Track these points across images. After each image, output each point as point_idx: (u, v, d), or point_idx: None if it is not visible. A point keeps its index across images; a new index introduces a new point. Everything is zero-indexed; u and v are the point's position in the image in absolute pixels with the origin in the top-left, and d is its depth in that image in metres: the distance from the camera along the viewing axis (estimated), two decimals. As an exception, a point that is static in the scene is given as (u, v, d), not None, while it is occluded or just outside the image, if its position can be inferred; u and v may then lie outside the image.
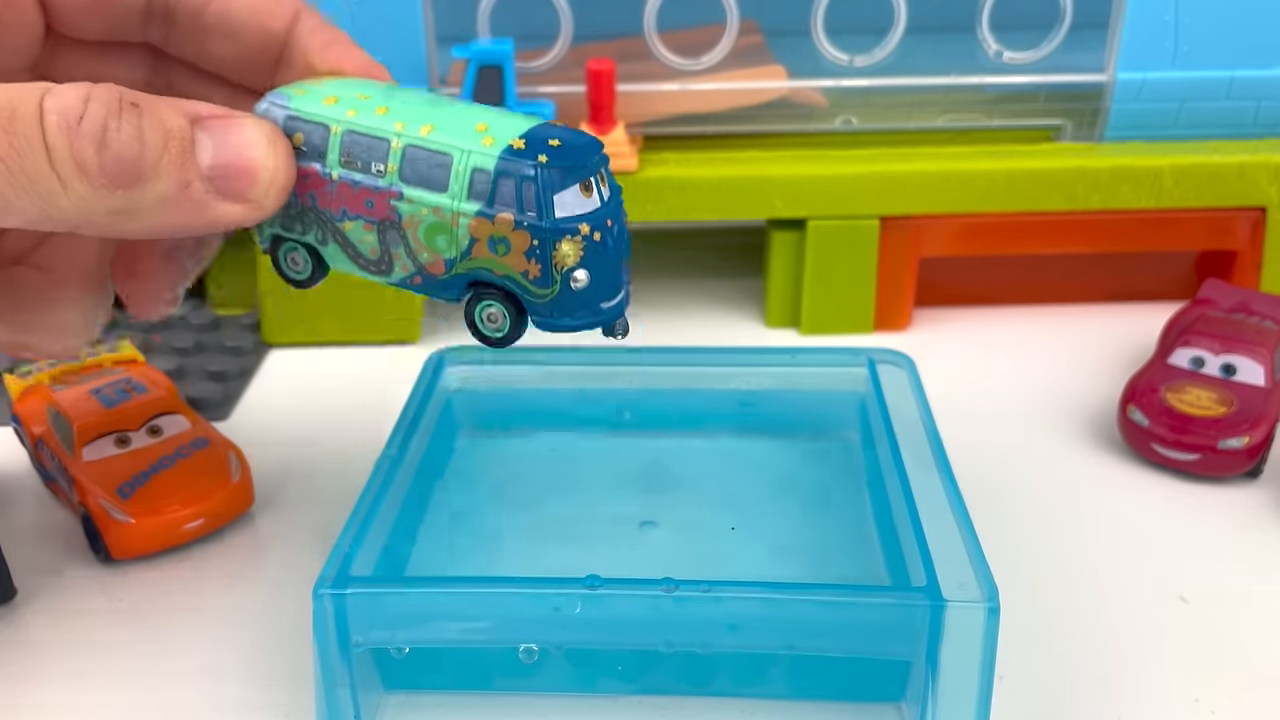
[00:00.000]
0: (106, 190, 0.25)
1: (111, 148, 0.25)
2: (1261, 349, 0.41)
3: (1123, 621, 0.33)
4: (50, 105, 0.24)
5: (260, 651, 0.33)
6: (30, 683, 0.32)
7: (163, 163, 0.25)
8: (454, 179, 0.27)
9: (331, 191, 0.28)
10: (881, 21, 0.49)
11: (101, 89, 0.25)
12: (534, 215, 0.26)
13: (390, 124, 0.27)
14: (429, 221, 0.27)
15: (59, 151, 0.24)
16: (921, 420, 0.35)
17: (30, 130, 0.24)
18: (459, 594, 0.29)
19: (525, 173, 0.26)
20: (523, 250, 0.27)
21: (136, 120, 0.25)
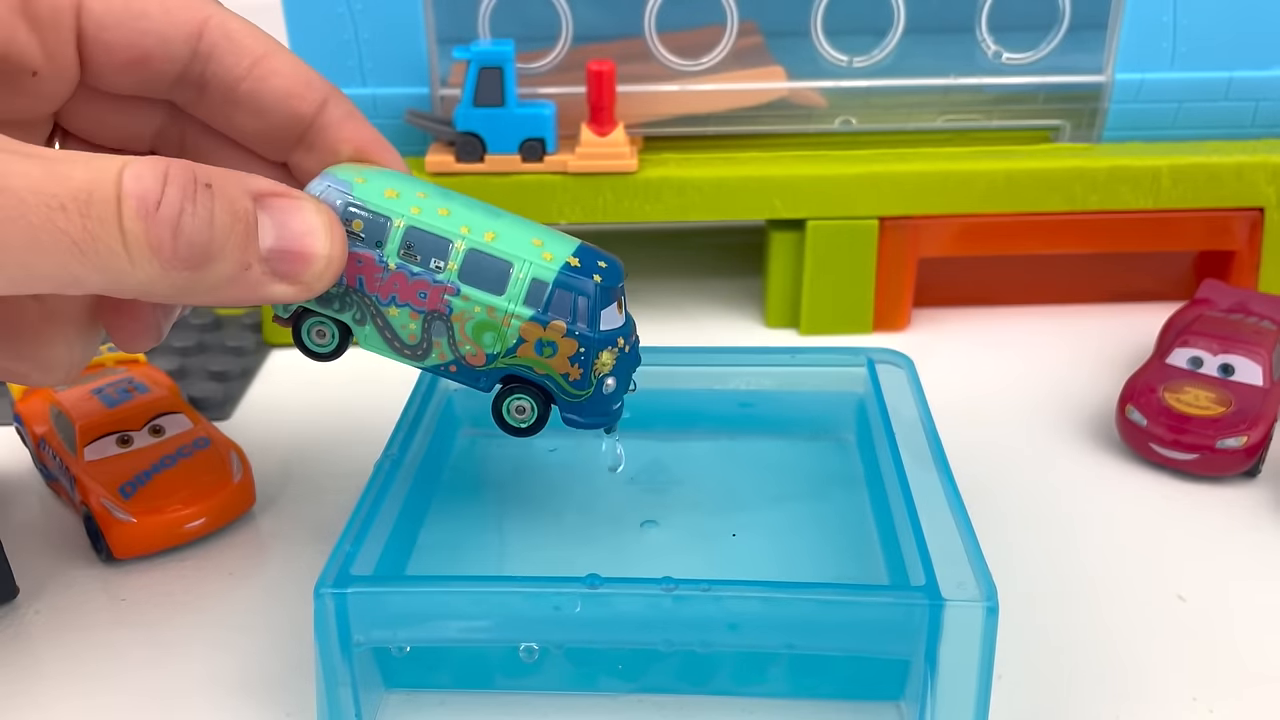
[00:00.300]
0: (175, 271, 0.25)
1: (185, 233, 0.25)
2: (1259, 349, 0.41)
3: (1121, 620, 0.34)
4: (129, 188, 0.24)
5: (262, 650, 0.33)
6: (31, 682, 0.32)
7: (229, 245, 0.26)
8: (513, 284, 0.29)
9: (383, 279, 0.29)
10: (880, 22, 0.49)
11: (177, 169, 0.25)
12: (585, 326, 0.30)
13: (455, 226, 0.30)
14: (479, 319, 0.30)
15: (134, 235, 0.24)
16: (920, 420, 0.35)
17: (107, 214, 0.24)
18: (460, 593, 0.29)
19: (583, 288, 0.30)
20: (568, 355, 0.30)
21: (209, 203, 0.25)
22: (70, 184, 0.24)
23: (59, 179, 0.24)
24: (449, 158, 0.48)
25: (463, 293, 0.29)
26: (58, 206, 0.24)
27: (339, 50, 0.49)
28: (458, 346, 0.30)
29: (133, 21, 0.29)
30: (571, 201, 0.48)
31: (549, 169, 0.48)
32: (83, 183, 0.24)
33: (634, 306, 0.53)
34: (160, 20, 0.29)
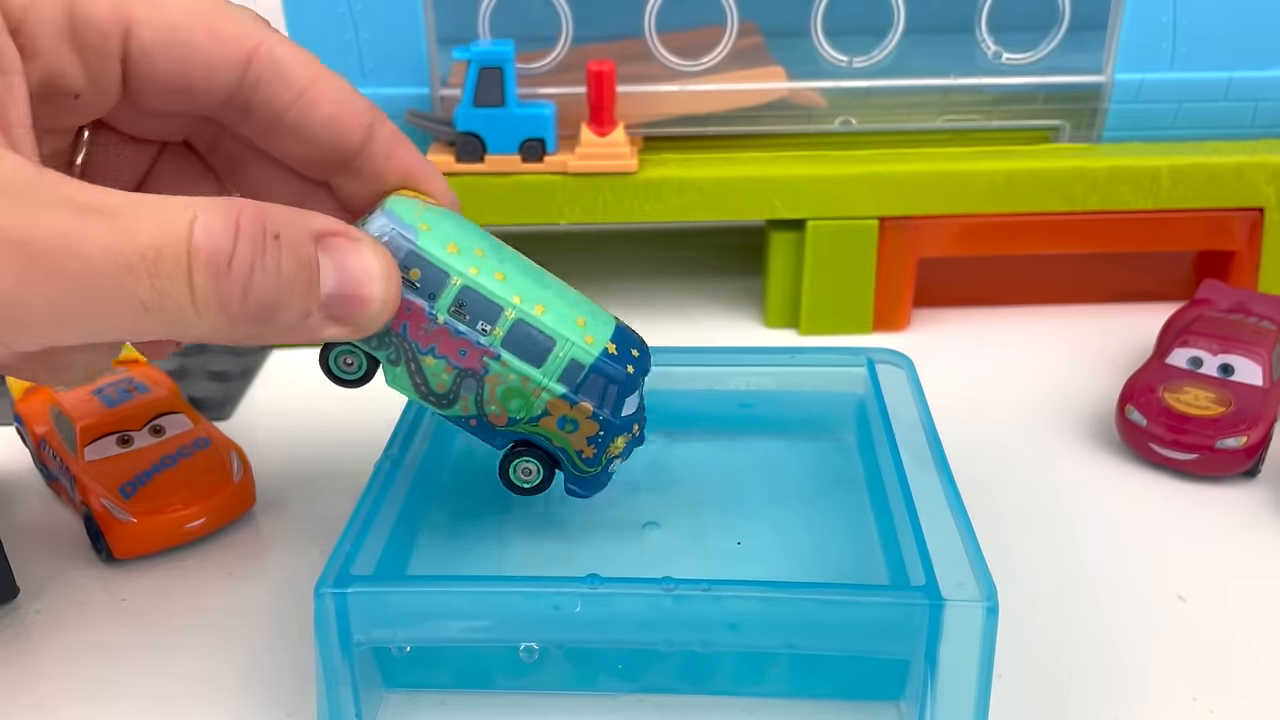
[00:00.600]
0: (241, 325, 0.25)
1: (255, 289, 0.25)
2: (1259, 349, 0.41)
3: (1120, 620, 0.34)
4: (200, 244, 0.24)
5: (262, 650, 0.33)
6: (31, 682, 0.32)
7: (294, 296, 0.26)
8: (552, 360, 0.30)
9: (427, 330, 0.30)
10: (880, 23, 0.49)
11: (248, 219, 0.24)
12: (609, 412, 0.31)
13: (509, 294, 0.30)
14: (512, 385, 0.30)
15: (203, 292, 0.24)
16: (920, 420, 0.35)
17: (177, 272, 0.23)
18: (460, 593, 0.29)
19: (616, 376, 0.31)
20: (587, 435, 0.31)
21: (277, 255, 0.25)
22: (138, 241, 0.23)
23: (126, 235, 0.23)
24: (449, 158, 0.48)
25: (502, 359, 0.30)
26: (125, 266, 0.23)
27: (339, 50, 0.49)
28: (484, 405, 0.31)
29: (180, 50, 0.28)
30: (571, 201, 0.48)
31: (549, 169, 0.48)
32: (151, 239, 0.23)
33: (634, 306, 0.53)
34: (208, 49, 0.28)
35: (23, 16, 0.26)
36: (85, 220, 0.23)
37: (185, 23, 0.28)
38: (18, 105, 0.25)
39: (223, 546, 0.37)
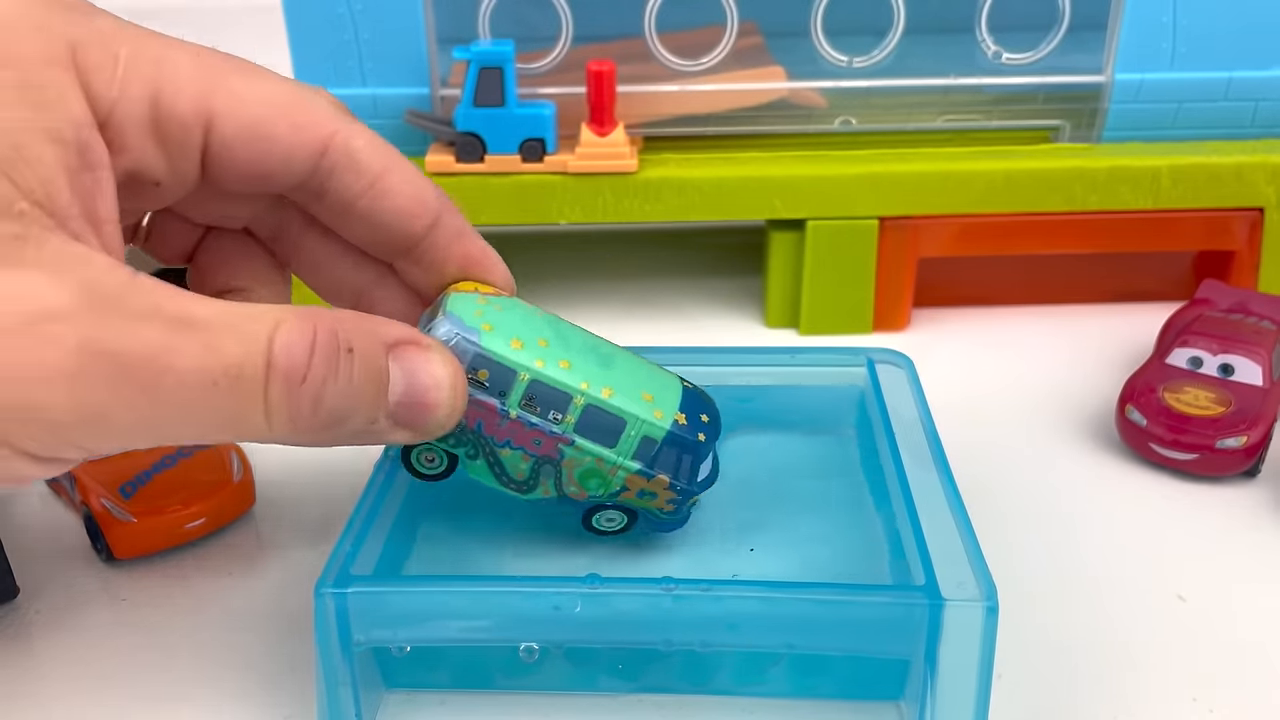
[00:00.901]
0: (308, 434, 0.26)
1: (325, 403, 0.26)
2: (1259, 349, 0.41)
3: (1121, 620, 0.34)
4: (278, 362, 0.25)
5: (262, 650, 0.33)
6: (32, 682, 0.32)
7: (362, 407, 0.27)
8: (624, 440, 0.31)
9: (502, 425, 0.31)
10: (880, 23, 0.49)
11: (325, 335, 0.25)
12: (685, 481, 0.32)
13: (576, 381, 0.31)
14: (588, 467, 0.31)
15: (276, 405, 0.25)
16: (920, 420, 0.35)
17: (254, 388, 0.24)
18: (460, 593, 0.29)
19: (688, 448, 0.32)
20: (666, 500, 0.32)
21: (350, 369, 0.26)
22: (224, 359, 0.24)
23: (215, 353, 0.24)
24: (449, 158, 0.48)
25: (576, 444, 0.31)
26: (210, 383, 0.24)
27: (339, 50, 0.49)
28: (564, 486, 0.32)
29: (260, 143, 0.28)
30: (571, 201, 0.48)
31: (549, 169, 0.48)
32: (235, 357, 0.24)
33: (634, 306, 0.53)
34: (287, 141, 0.28)
35: (110, 111, 0.26)
36: (177, 335, 0.24)
37: (266, 115, 0.28)
38: (107, 201, 0.26)
39: (223, 546, 0.37)
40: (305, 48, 0.49)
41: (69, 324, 0.23)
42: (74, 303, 0.23)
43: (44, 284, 0.23)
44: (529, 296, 0.34)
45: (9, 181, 0.23)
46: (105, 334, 0.23)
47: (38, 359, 0.23)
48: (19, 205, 0.23)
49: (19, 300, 0.23)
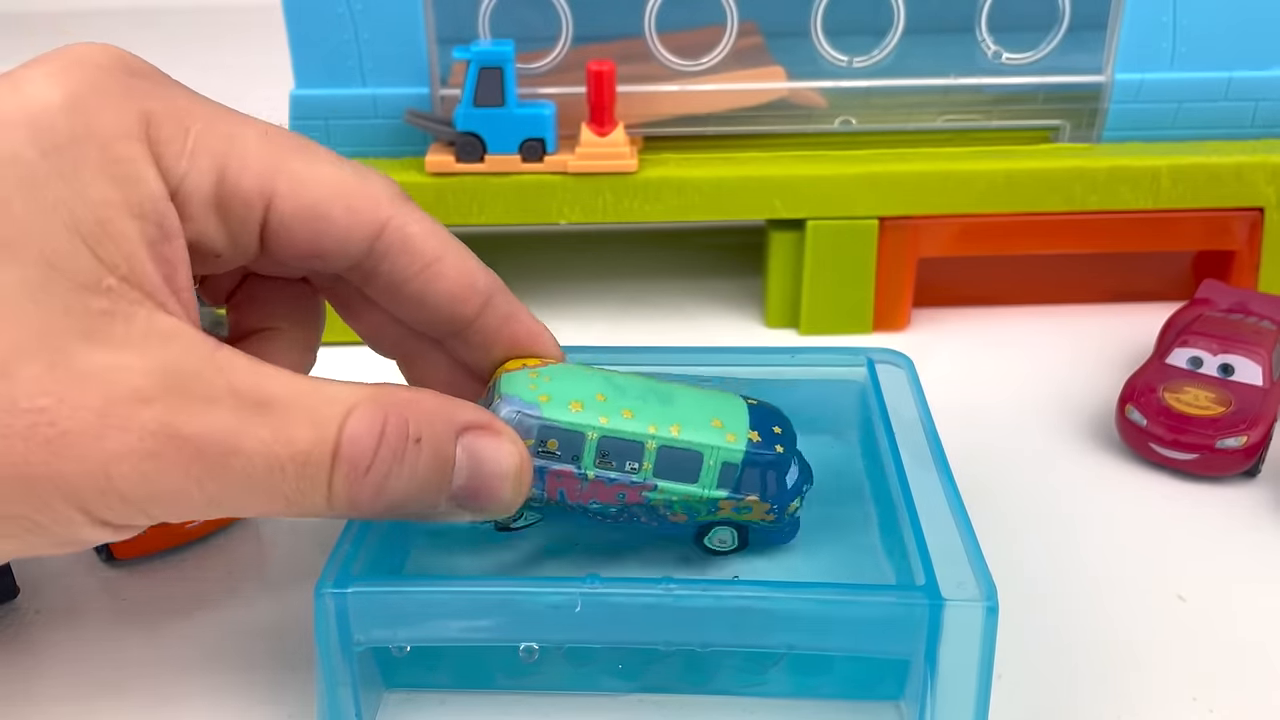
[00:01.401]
0: (366, 517, 0.27)
1: (386, 493, 0.26)
2: (1259, 349, 0.41)
3: (1121, 620, 0.34)
4: (345, 453, 0.25)
5: (262, 650, 0.33)
6: (32, 682, 0.32)
7: (424, 496, 0.27)
8: (705, 472, 0.31)
9: (583, 488, 0.31)
10: (880, 23, 0.49)
11: (394, 424, 0.26)
12: (774, 492, 0.32)
13: (643, 427, 0.31)
14: (677, 503, 0.31)
15: (338, 492, 0.26)
16: (920, 420, 0.35)
17: (319, 475, 0.25)
18: (460, 593, 0.29)
19: (769, 463, 0.32)
20: (763, 511, 0.32)
21: (416, 460, 0.27)
22: (294, 447, 0.25)
23: (285, 441, 0.25)
24: (449, 158, 0.48)
25: (660, 488, 0.31)
26: (278, 467, 0.25)
27: (339, 50, 0.49)
28: (659, 517, 0.32)
29: (318, 223, 0.29)
30: (571, 201, 0.48)
31: (549, 169, 0.48)
32: (305, 445, 0.25)
33: (634, 306, 0.53)
34: (343, 223, 0.29)
35: (179, 183, 0.26)
36: (249, 419, 0.25)
37: (325, 198, 0.29)
38: (184, 270, 0.26)
39: (223, 546, 0.37)
40: (305, 48, 0.49)
41: (148, 408, 0.24)
42: (155, 386, 0.24)
43: (129, 365, 0.24)
44: (529, 296, 0.34)
45: (95, 258, 0.24)
46: (180, 418, 0.24)
47: (117, 438, 0.24)
48: (107, 281, 0.24)
49: (103, 381, 0.24)
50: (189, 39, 1.07)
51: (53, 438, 0.23)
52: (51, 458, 0.23)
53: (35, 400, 0.23)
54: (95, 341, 0.24)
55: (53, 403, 0.23)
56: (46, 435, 0.23)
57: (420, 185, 0.48)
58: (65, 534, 0.25)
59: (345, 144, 0.50)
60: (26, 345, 0.23)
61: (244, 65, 0.90)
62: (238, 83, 0.60)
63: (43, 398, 0.23)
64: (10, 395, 0.23)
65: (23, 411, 0.23)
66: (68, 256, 0.24)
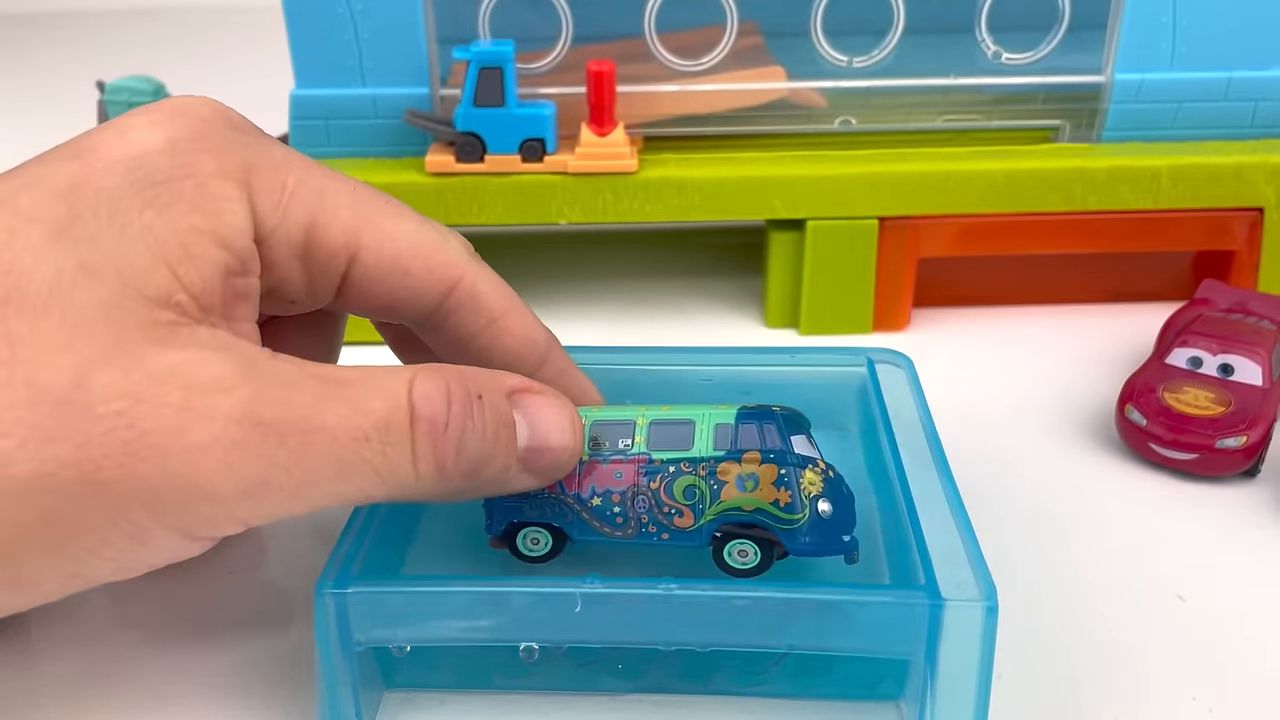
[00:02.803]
0: (453, 483, 0.27)
1: (467, 449, 0.27)
2: (1259, 349, 0.41)
3: (1120, 620, 0.34)
4: (421, 412, 0.26)
5: (262, 650, 0.33)
6: (31, 682, 0.32)
7: (498, 453, 0.28)
8: (698, 437, 0.31)
9: (579, 473, 0.31)
10: (880, 23, 0.49)
11: (457, 385, 0.27)
12: (777, 446, 0.30)
13: (633, 413, 0.32)
14: (676, 477, 0.31)
15: (424, 456, 0.26)
16: (920, 420, 0.35)
17: (403, 439, 0.26)
18: (460, 593, 0.29)
19: (765, 416, 0.31)
20: (771, 481, 0.30)
21: (483, 415, 0.28)
22: (373, 416, 0.26)
23: (364, 413, 0.26)
24: (449, 158, 0.48)
25: (654, 459, 0.31)
26: (363, 438, 0.26)
27: (339, 50, 0.49)
28: (665, 514, 0.31)
29: (396, 278, 0.30)
30: (571, 201, 0.48)
31: (549, 169, 0.48)
32: (383, 412, 0.26)
33: (634, 306, 0.53)
34: (420, 279, 0.30)
35: (271, 232, 0.28)
36: (326, 397, 0.25)
37: (406, 253, 0.30)
38: (249, 305, 0.28)
39: (223, 546, 0.37)
40: (305, 48, 0.49)
41: (228, 395, 0.24)
42: (234, 375, 0.25)
43: (203, 358, 0.25)
44: (529, 296, 0.34)
45: (174, 275, 0.25)
46: (261, 402, 0.25)
47: (200, 429, 0.24)
48: (178, 297, 0.25)
49: (181, 375, 0.24)
50: (189, 39, 1.07)
51: (131, 439, 0.23)
52: (130, 460, 0.23)
53: (111, 405, 0.23)
54: (165, 345, 0.24)
55: (129, 404, 0.23)
56: (125, 438, 0.23)
57: (420, 185, 0.48)
58: (136, 555, 0.25)
59: (345, 144, 0.50)
60: (100, 356, 0.24)
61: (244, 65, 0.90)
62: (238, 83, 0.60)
63: (118, 401, 0.23)
64: (86, 403, 0.23)
65: (99, 418, 0.23)
66: (146, 274, 0.25)
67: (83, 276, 0.24)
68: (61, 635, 0.34)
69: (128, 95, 0.59)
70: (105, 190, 0.25)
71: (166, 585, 0.36)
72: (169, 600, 0.35)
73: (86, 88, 0.63)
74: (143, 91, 0.59)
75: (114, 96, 0.60)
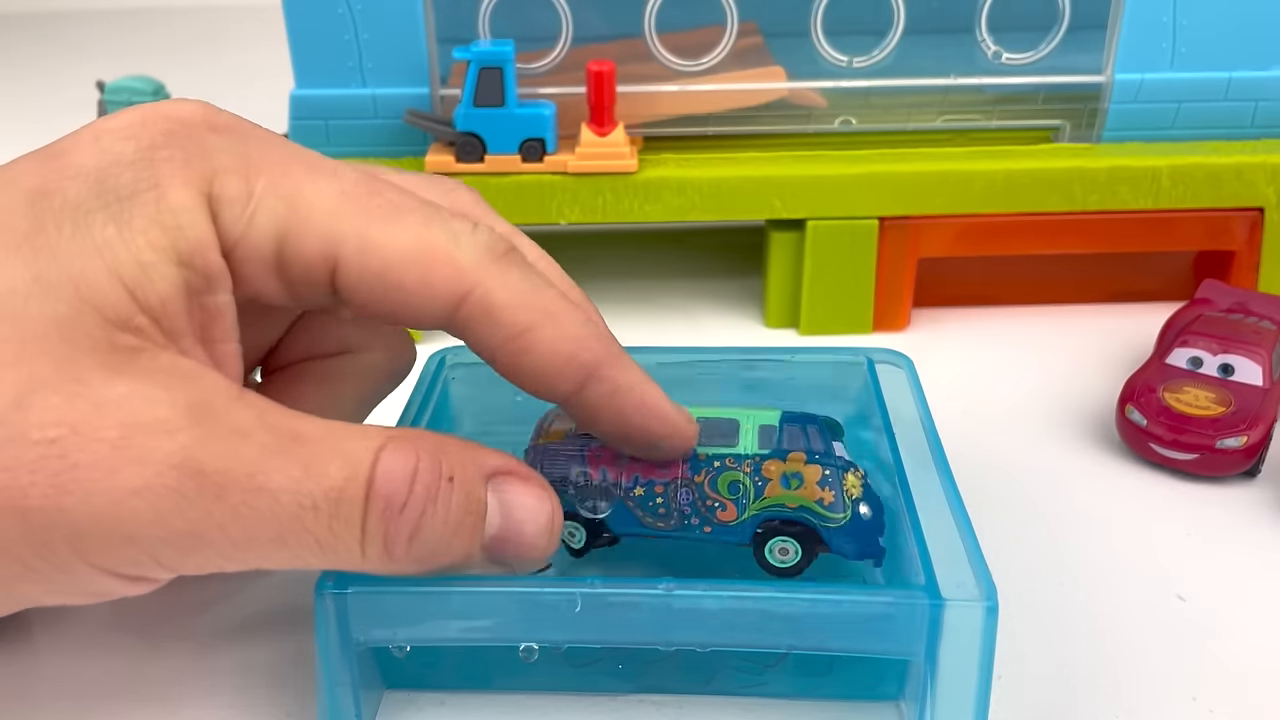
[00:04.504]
0: (400, 567, 0.26)
1: (421, 535, 0.25)
2: (1259, 349, 0.41)
3: (1121, 620, 0.34)
4: (379, 489, 0.24)
5: (262, 650, 0.33)
6: (31, 682, 0.32)
7: (457, 542, 0.26)
8: (743, 434, 0.31)
9: (624, 461, 0.31)
10: (880, 23, 0.49)
11: (427, 463, 0.25)
12: (821, 449, 0.31)
13: None
14: (721, 471, 0.31)
15: (373, 534, 0.25)
16: (920, 420, 0.35)
17: (353, 514, 0.24)
18: (459, 593, 0.29)
19: (808, 420, 0.32)
20: (815, 481, 0.30)
21: (449, 500, 0.26)
22: (325, 483, 0.24)
23: (316, 478, 0.24)
24: (449, 158, 0.48)
25: (699, 452, 0.31)
26: (310, 506, 0.24)
27: (339, 50, 0.49)
28: (708, 507, 0.31)
29: (388, 291, 0.27)
30: (571, 201, 0.48)
31: (549, 169, 0.48)
32: (337, 481, 0.24)
33: (634, 306, 0.53)
34: (416, 293, 0.27)
35: (234, 246, 0.26)
36: (276, 454, 0.24)
37: (396, 265, 0.26)
38: (224, 324, 0.26)
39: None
40: (305, 48, 0.49)
41: (170, 438, 0.23)
42: (177, 417, 0.23)
43: (151, 395, 0.23)
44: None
45: (131, 297, 0.24)
46: (204, 451, 0.23)
47: (133, 471, 0.23)
48: (137, 320, 0.24)
49: (124, 410, 0.23)
50: (189, 39, 1.07)
51: (60, 471, 0.22)
52: (55, 493, 0.22)
53: (46, 431, 0.22)
54: (119, 372, 0.23)
55: (65, 433, 0.22)
56: (55, 469, 0.22)
57: (420, 185, 0.48)
58: (64, 583, 0.24)
59: (345, 144, 0.50)
60: (46, 377, 0.23)
61: (244, 65, 0.90)
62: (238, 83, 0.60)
63: (54, 429, 0.22)
64: (21, 427, 0.22)
65: (33, 444, 0.22)
66: (104, 294, 0.24)
67: (38, 290, 0.23)
68: (62, 636, 0.34)
69: (128, 95, 0.59)
70: (70, 200, 0.24)
71: (166, 585, 0.35)
72: (169, 600, 0.35)
73: (86, 88, 0.63)
74: (143, 91, 0.59)
75: (114, 96, 0.60)
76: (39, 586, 0.24)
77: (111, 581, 0.24)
